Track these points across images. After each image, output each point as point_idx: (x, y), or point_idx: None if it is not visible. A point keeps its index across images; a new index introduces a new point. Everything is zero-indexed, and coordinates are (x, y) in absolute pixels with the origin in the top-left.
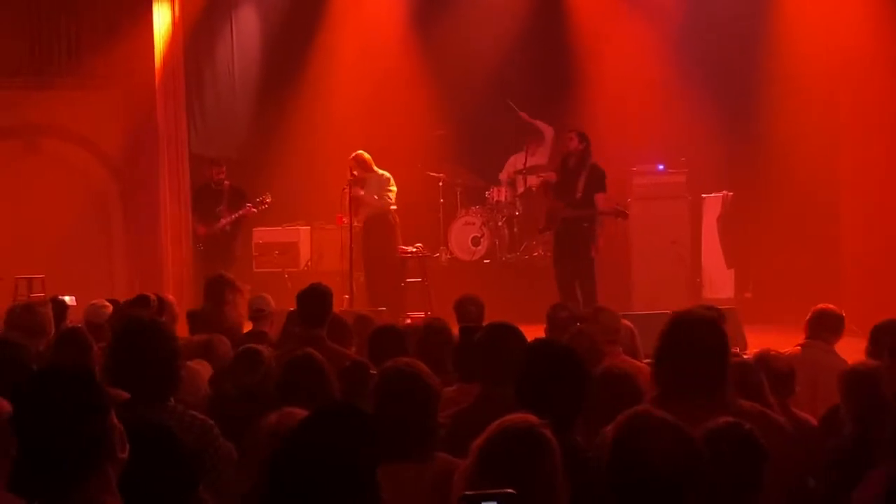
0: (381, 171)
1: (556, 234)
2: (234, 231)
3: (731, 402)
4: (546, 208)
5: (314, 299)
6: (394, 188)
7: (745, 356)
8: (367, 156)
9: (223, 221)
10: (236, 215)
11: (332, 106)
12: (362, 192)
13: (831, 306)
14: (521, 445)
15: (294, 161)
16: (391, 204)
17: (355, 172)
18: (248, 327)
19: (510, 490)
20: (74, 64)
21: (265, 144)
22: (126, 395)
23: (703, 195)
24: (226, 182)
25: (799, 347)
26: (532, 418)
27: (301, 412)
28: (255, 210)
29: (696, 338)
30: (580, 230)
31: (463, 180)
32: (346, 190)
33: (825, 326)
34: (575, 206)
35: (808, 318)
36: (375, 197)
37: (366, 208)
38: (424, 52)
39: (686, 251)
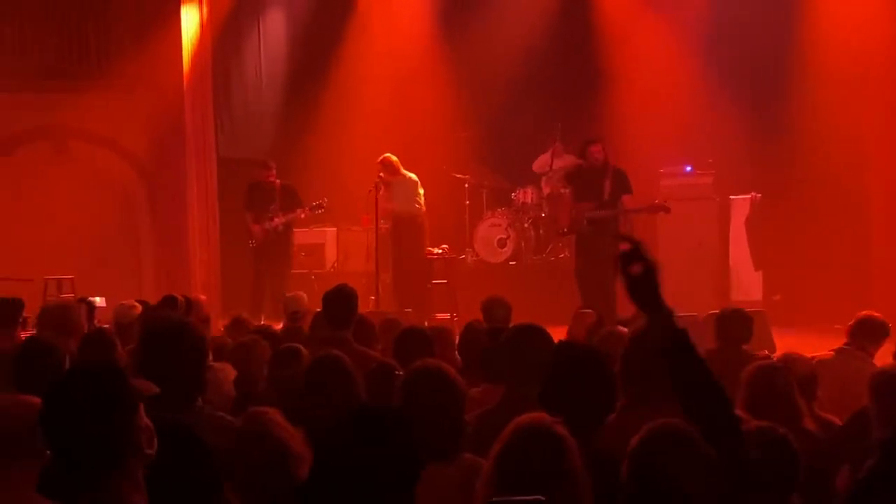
0: (408, 174)
1: (580, 237)
2: (286, 231)
3: None
4: (567, 210)
5: (340, 301)
6: (422, 192)
7: (772, 359)
8: (394, 158)
9: (276, 221)
10: (290, 216)
11: (358, 107)
12: (390, 202)
13: (875, 314)
14: (536, 444)
15: (320, 162)
16: (421, 209)
17: (382, 175)
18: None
19: (539, 497)
20: (103, 66)
21: (292, 146)
22: (156, 388)
23: (731, 196)
24: (277, 181)
25: (832, 352)
26: (544, 416)
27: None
28: (311, 212)
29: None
30: (609, 231)
31: (489, 182)
32: (373, 191)
33: (865, 334)
34: (602, 207)
35: (850, 323)
36: (411, 204)
37: (394, 211)
38: (450, 53)
39: (712, 253)
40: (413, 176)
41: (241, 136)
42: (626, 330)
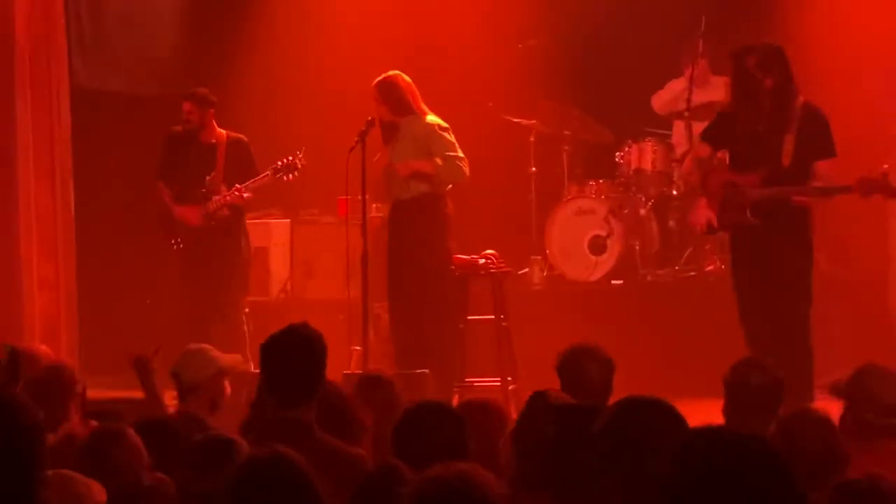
0: (431, 118)
1: (738, 236)
2: (235, 218)
3: None
4: (718, 188)
5: (293, 356)
6: (457, 155)
7: None
8: (406, 79)
9: (216, 201)
10: (241, 189)
11: (329, 11)
12: (389, 169)
13: None
14: None
15: (260, 105)
16: (454, 180)
17: (373, 116)
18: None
19: None
20: None
21: (212, 78)
22: None
23: None
24: (219, 132)
25: None
26: None
27: None
28: (275, 177)
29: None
30: (790, 222)
31: (574, 131)
32: (357, 150)
33: None
34: (779, 181)
35: None
36: (438, 161)
37: (398, 185)
38: None
39: None
40: (438, 120)
41: (115, 60)
42: (827, 409)
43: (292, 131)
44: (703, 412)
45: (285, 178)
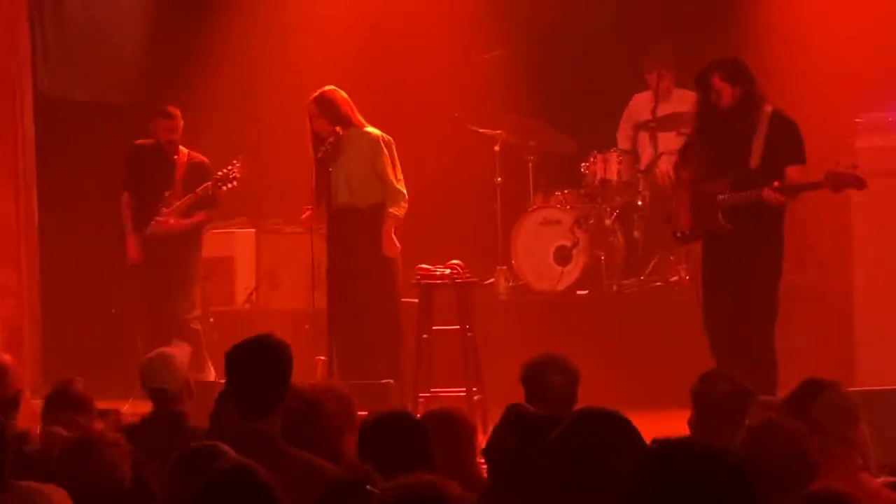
0: (372, 130)
1: (710, 243)
2: (193, 235)
3: None
4: (687, 195)
5: (257, 368)
6: (399, 173)
7: None
8: (341, 95)
9: (158, 221)
10: (185, 201)
11: (295, 21)
12: (326, 180)
13: None
14: None
15: (225, 114)
16: (402, 205)
17: (314, 122)
18: None
19: None
20: None
21: (176, 88)
22: None
23: None
24: (184, 152)
25: None
26: None
27: None
28: (216, 190)
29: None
30: (763, 228)
31: (539, 142)
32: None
33: None
34: (747, 185)
35: None
36: (392, 212)
37: (339, 193)
38: None
39: None
40: (380, 133)
41: (79, 66)
42: (784, 418)
43: (257, 140)
44: (669, 423)
45: (225, 188)
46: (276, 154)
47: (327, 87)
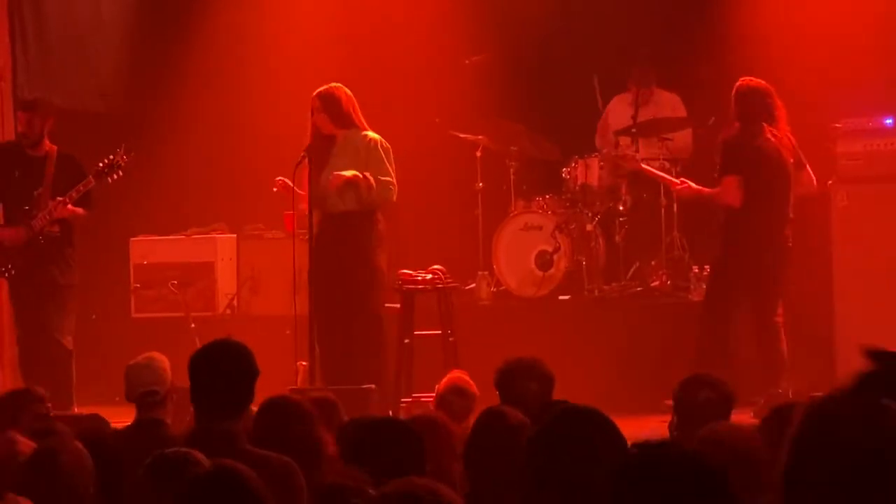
0: (371, 133)
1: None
2: (63, 236)
3: None
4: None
5: (219, 370)
6: (392, 177)
7: None
8: (346, 93)
9: (40, 219)
10: (65, 199)
11: (274, 26)
12: (327, 172)
13: None
14: None
15: (205, 121)
16: (381, 202)
17: (315, 119)
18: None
19: None
20: None
21: (157, 94)
22: None
23: None
24: (48, 146)
25: None
26: None
27: None
28: (99, 179)
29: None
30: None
31: (521, 147)
32: (305, 164)
33: None
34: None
35: None
36: (370, 179)
37: (330, 198)
38: None
39: None
40: (379, 138)
41: (58, 73)
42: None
43: (238, 145)
44: (649, 428)
45: (110, 178)
46: (256, 160)
47: (333, 84)
